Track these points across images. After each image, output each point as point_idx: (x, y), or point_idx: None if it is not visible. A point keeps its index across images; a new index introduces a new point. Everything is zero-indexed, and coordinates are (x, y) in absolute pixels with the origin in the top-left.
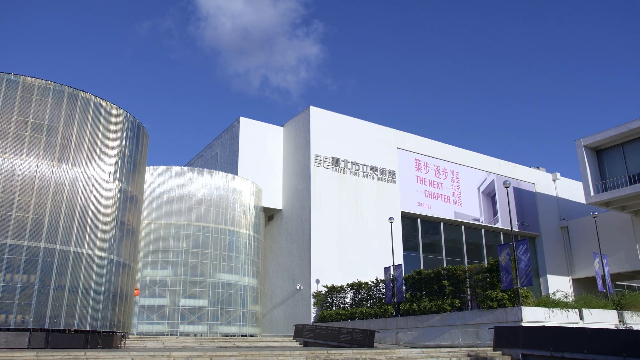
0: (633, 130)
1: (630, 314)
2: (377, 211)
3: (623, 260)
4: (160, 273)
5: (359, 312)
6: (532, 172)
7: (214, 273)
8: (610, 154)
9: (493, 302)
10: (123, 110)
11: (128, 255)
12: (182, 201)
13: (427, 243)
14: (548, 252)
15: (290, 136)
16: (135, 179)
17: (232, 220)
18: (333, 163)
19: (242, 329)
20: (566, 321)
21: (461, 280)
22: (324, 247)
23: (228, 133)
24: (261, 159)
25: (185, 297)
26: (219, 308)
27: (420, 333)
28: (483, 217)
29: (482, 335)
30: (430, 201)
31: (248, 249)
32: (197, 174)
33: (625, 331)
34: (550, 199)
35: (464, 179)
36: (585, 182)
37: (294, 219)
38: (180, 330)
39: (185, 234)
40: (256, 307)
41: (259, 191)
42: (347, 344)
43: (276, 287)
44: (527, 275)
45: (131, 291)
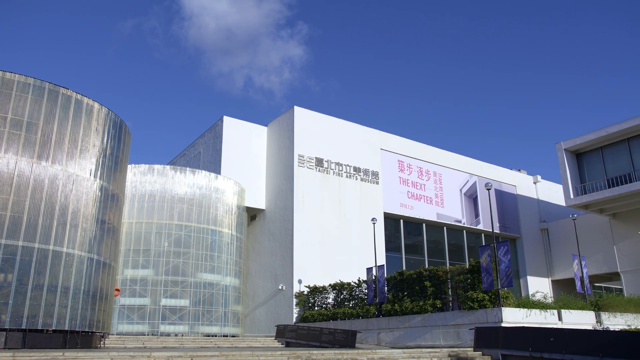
0: (612, 135)
1: (607, 315)
2: (360, 212)
3: (601, 262)
4: (141, 272)
5: (341, 313)
6: (514, 174)
7: (196, 273)
8: (589, 158)
9: (474, 303)
10: (105, 107)
11: (108, 254)
12: (164, 200)
13: (409, 244)
14: (528, 254)
15: (274, 136)
16: (116, 177)
17: (214, 219)
18: (316, 163)
19: (224, 329)
20: (545, 322)
21: (443, 281)
22: (306, 247)
23: (211, 132)
24: (244, 158)
25: (166, 296)
26: (200, 308)
27: (402, 333)
28: (465, 219)
29: (463, 335)
30: (413, 202)
31: (230, 248)
32: (179, 173)
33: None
34: (531, 201)
35: (447, 180)
36: (565, 184)
37: (276, 219)
38: (161, 330)
39: (167, 233)
40: (238, 307)
41: (242, 191)
42: (329, 345)
43: (258, 287)
44: (507, 277)
45: (111, 291)
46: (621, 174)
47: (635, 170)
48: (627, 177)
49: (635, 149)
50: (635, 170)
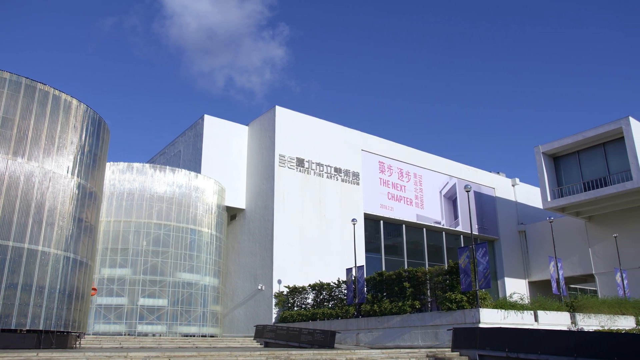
0: (588, 139)
1: (582, 316)
2: (340, 212)
3: (576, 264)
4: (119, 272)
5: (320, 313)
6: (493, 177)
7: (175, 272)
8: (566, 161)
9: (452, 304)
10: (83, 104)
11: (85, 253)
12: (143, 199)
13: (389, 245)
14: (506, 256)
15: (255, 135)
16: (94, 175)
17: (194, 219)
18: (297, 163)
19: (202, 329)
20: (522, 323)
21: (422, 282)
22: (286, 247)
23: (192, 131)
24: (225, 157)
25: (144, 296)
26: (178, 308)
27: (381, 334)
28: (444, 220)
29: (441, 336)
30: (393, 203)
31: (210, 248)
32: (159, 171)
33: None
34: (509, 204)
35: (427, 182)
36: (542, 187)
37: (257, 218)
38: (138, 330)
39: (145, 232)
40: (217, 307)
41: (222, 190)
42: (308, 345)
43: (237, 287)
44: (485, 278)
45: (88, 290)
46: (597, 178)
47: (611, 175)
48: (603, 181)
49: (611, 153)
50: (611, 174)
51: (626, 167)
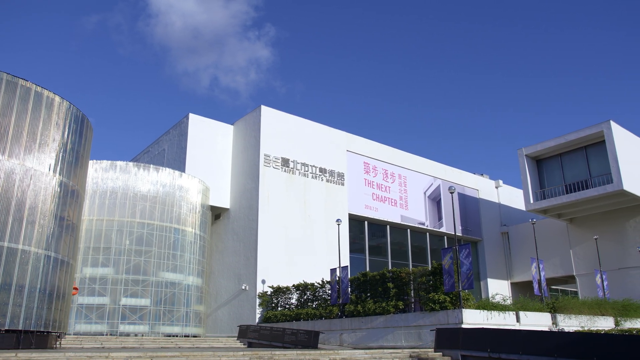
0: (570, 142)
1: (563, 317)
2: (325, 213)
3: (558, 265)
4: (101, 271)
5: (304, 313)
6: (477, 178)
7: (158, 272)
8: (549, 164)
9: (435, 305)
10: (66, 101)
11: (67, 252)
12: (127, 197)
13: (373, 245)
14: (489, 257)
15: (240, 135)
16: (77, 173)
17: (177, 218)
18: (282, 163)
19: (185, 329)
20: (504, 323)
21: (405, 282)
22: (271, 247)
23: (177, 129)
24: (210, 156)
25: (126, 296)
26: (161, 307)
27: (364, 334)
28: (428, 221)
29: (424, 336)
30: (378, 204)
31: (193, 247)
32: (142, 170)
33: (558, 333)
34: (493, 205)
35: (411, 183)
36: (525, 189)
37: (241, 218)
38: (120, 330)
39: (128, 231)
40: (200, 307)
41: (206, 189)
42: (291, 345)
43: (221, 287)
44: (468, 279)
45: (69, 289)
46: (578, 181)
47: (592, 177)
48: (584, 184)
49: (592, 156)
50: (592, 177)
51: (607, 170)
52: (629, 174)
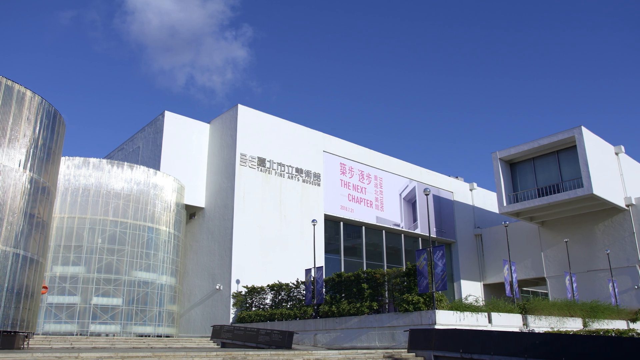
0: (543, 147)
1: (533, 318)
2: (300, 213)
3: (529, 267)
4: (72, 269)
5: (278, 314)
6: (451, 181)
7: (130, 271)
8: (522, 168)
9: (409, 306)
10: (38, 95)
11: (36, 250)
12: (99, 195)
13: (348, 246)
14: (462, 258)
15: (217, 133)
16: (48, 170)
17: (151, 216)
18: (259, 163)
19: (158, 329)
20: (476, 324)
21: (380, 283)
22: (246, 247)
23: (152, 127)
24: (185, 155)
25: (98, 295)
26: (134, 307)
27: (339, 335)
28: (403, 223)
29: (398, 337)
30: (354, 205)
31: (167, 246)
32: (116, 167)
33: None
34: (467, 208)
35: (387, 184)
36: (499, 192)
37: (216, 217)
38: (91, 330)
39: (101, 229)
40: (173, 307)
41: (181, 188)
42: (265, 345)
43: (195, 286)
44: (442, 280)
45: (38, 288)
46: (550, 184)
47: (563, 181)
48: (556, 188)
49: (564, 161)
50: (563, 181)
51: (578, 175)
52: (598, 178)
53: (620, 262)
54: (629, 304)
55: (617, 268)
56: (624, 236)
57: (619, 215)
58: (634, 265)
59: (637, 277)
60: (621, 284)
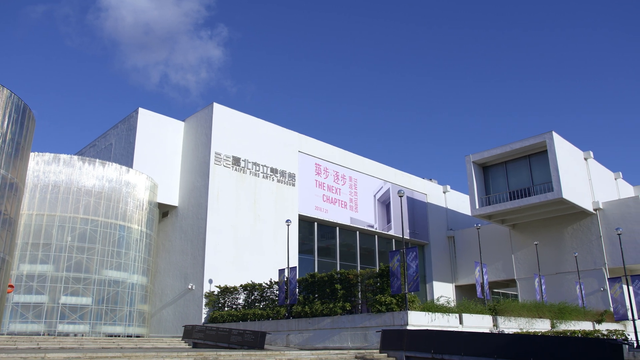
0: (515, 151)
1: (503, 319)
2: (275, 213)
3: (500, 269)
4: (40, 268)
5: (251, 314)
6: (425, 183)
7: (101, 270)
8: (494, 171)
9: (382, 306)
10: (7, 89)
11: (3, 248)
12: (70, 192)
13: (322, 247)
14: (435, 260)
15: (191, 132)
16: (16, 165)
17: (123, 214)
18: (233, 162)
19: (128, 329)
20: (448, 325)
21: (353, 284)
22: (219, 246)
23: (125, 124)
24: (159, 153)
25: (66, 294)
26: (103, 307)
27: (311, 335)
28: (377, 224)
29: (370, 338)
30: (328, 206)
31: (139, 245)
32: (88, 164)
33: (498, 334)
34: (440, 210)
35: (362, 186)
36: (471, 195)
37: (189, 216)
38: (58, 330)
39: (70, 227)
40: (144, 307)
41: (154, 186)
42: (237, 346)
43: (167, 286)
44: (414, 281)
45: (4, 287)
46: (522, 188)
47: (534, 185)
48: (527, 191)
49: (535, 165)
50: (534, 185)
51: (548, 179)
52: (568, 183)
53: (587, 265)
54: (595, 306)
55: (584, 270)
56: (591, 239)
57: (586, 219)
58: (600, 268)
59: (603, 279)
60: (588, 286)
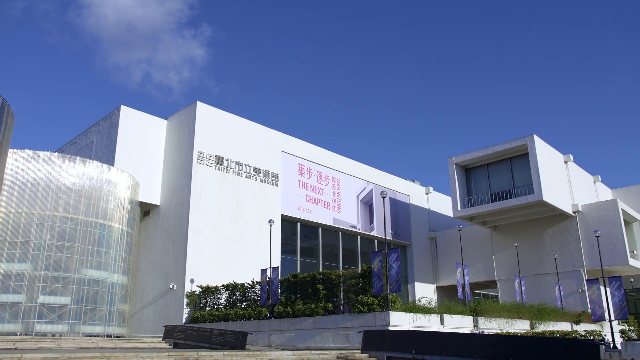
0: (497, 153)
1: (484, 320)
2: (258, 213)
3: (481, 270)
4: (17, 267)
5: (232, 314)
6: (408, 184)
7: (80, 269)
8: (476, 173)
9: (364, 307)
10: None
11: None
12: (49, 190)
13: (305, 247)
14: (417, 261)
15: (174, 130)
16: None
17: (104, 213)
18: (216, 161)
19: (108, 329)
20: (429, 325)
21: (335, 284)
22: (201, 246)
23: (107, 121)
24: (141, 151)
25: (44, 293)
26: (83, 306)
27: (293, 335)
28: (360, 225)
29: (352, 338)
30: (311, 206)
31: (120, 244)
32: (68, 162)
33: (478, 335)
34: (422, 211)
35: (345, 186)
36: (453, 197)
37: (171, 215)
38: (36, 330)
39: (50, 225)
40: (125, 306)
41: (135, 184)
42: (218, 346)
43: (148, 285)
44: (396, 282)
45: None
46: (503, 190)
47: (515, 187)
48: (508, 193)
49: (516, 167)
50: (515, 187)
51: (529, 182)
52: (548, 185)
53: (566, 267)
54: (573, 307)
55: (563, 272)
56: (570, 241)
57: (566, 222)
58: (578, 270)
59: (581, 280)
60: (566, 288)
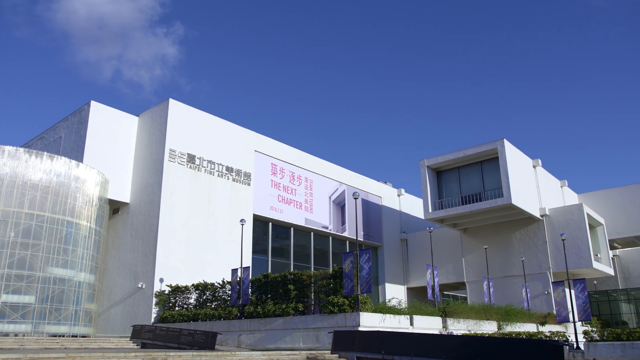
0: (468, 157)
1: (452, 321)
2: (229, 212)
3: (451, 272)
4: None
5: (202, 314)
6: (380, 186)
7: (46, 267)
8: (448, 176)
9: (334, 307)
10: None
11: None
12: (14, 185)
13: (276, 247)
14: (388, 262)
15: (146, 127)
16: None
17: (71, 210)
18: (188, 160)
19: (74, 328)
20: (399, 326)
21: (306, 285)
22: (171, 245)
23: (76, 116)
24: (111, 147)
25: (7, 292)
26: (47, 305)
27: (263, 336)
28: (332, 225)
29: (322, 339)
30: (283, 206)
31: (87, 242)
32: (35, 157)
33: (447, 336)
34: (394, 213)
35: (317, 187)
36: (425, 199)
37: (141, 213)
38: None
39: (14, 222)
40: (91, 306)
41: (105, 182)
42: (187, 346)
43: (116, 284)
44: (367, 283)
45: None
46: (473, 193)
47: (485, 191)
48: (478, 196)
49: (487, 171)
50: (485, 190)
51: (498, 185)
52: (517, 189)
53: (533, 269)
54: (539, 309)
55: (530, 274)
56: (538, 244)
57: (534, 225)
58: (545, 272)
59: (547, 283)
60: (533, 290)
